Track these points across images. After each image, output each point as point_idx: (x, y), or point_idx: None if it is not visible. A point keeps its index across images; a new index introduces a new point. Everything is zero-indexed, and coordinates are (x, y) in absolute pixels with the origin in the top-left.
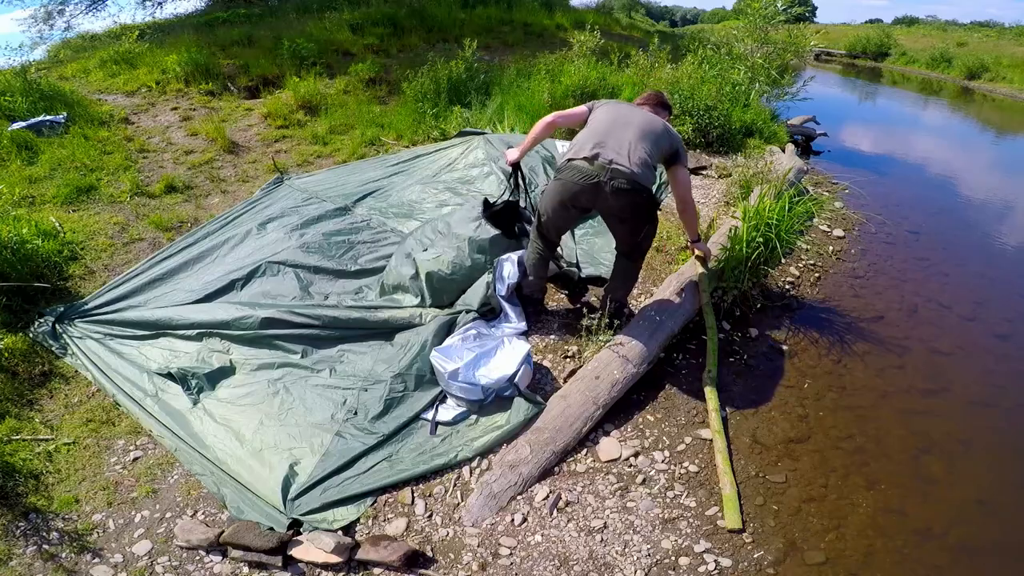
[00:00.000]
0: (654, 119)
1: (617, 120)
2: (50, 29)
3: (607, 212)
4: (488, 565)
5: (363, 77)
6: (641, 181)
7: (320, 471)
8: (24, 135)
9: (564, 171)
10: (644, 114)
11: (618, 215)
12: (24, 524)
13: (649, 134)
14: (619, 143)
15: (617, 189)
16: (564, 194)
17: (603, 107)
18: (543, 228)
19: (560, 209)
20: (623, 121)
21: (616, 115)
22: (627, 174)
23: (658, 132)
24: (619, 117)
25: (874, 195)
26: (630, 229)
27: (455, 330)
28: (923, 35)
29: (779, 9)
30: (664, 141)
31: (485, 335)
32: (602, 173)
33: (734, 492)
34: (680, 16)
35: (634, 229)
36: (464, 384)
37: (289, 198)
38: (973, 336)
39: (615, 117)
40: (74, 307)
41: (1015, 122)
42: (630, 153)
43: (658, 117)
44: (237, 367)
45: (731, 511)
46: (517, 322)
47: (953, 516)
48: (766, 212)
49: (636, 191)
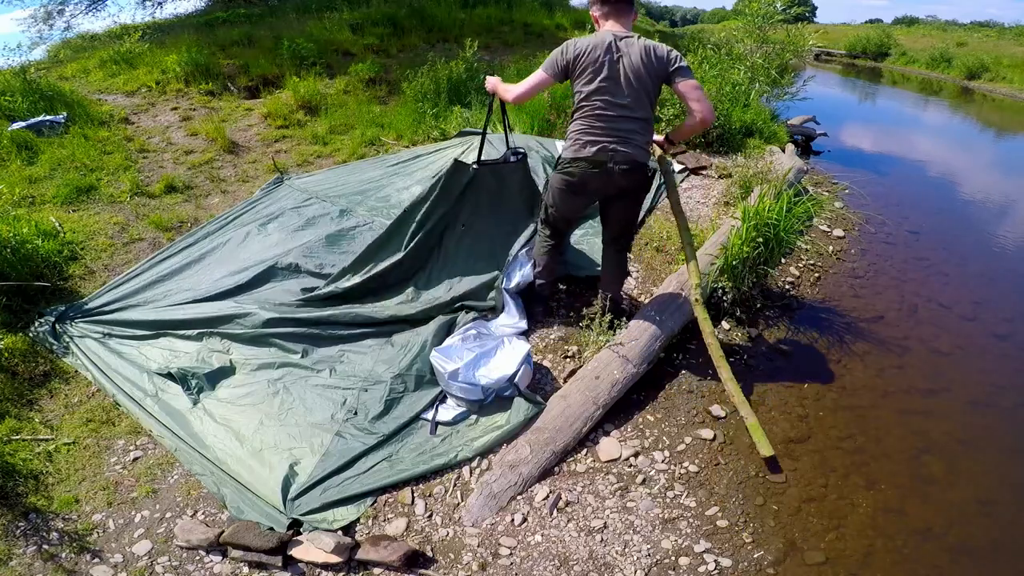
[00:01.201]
0: (637, 66)
1: (611, 103)
2: (50, 29)
3: (615, 192)
4: (488, 565)
5: (363, 77)
6: (642, 160)
7: (320, 471)
8: (24, 135)
9: (568, 165)
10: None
11: (623, 191)
12: (24, 524)
13: (641, 89)
14: (618, 131)
15: (624, 170)
16: (572, 183)
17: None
18: (552, 219)
19: (569, 199)
20: (617, 103)
21: (609, 91)
22: (630, 155)
23: (646, 81)
24: (613, 92)
25: (874, 195)
26: (631, 203)
27: (455, 330)
28: (923, 35)
29: (778, 9)
30: (653, 81)
31: (485, 335)
32: (608, 160)
33: (756, 419)
34: (680, 16)
35: (635, 202)
36: (464, 384)
37: (289, 198)
38: (973, 336)
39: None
40: (74, 307)
41: (1015, 122)
42: (629, 135)
43: (642, 53)
44: (237, 367)
45: (760, 438)
46: (519, 319)
47: (953, 516)
48: (766, 212)
49: (639, 169)
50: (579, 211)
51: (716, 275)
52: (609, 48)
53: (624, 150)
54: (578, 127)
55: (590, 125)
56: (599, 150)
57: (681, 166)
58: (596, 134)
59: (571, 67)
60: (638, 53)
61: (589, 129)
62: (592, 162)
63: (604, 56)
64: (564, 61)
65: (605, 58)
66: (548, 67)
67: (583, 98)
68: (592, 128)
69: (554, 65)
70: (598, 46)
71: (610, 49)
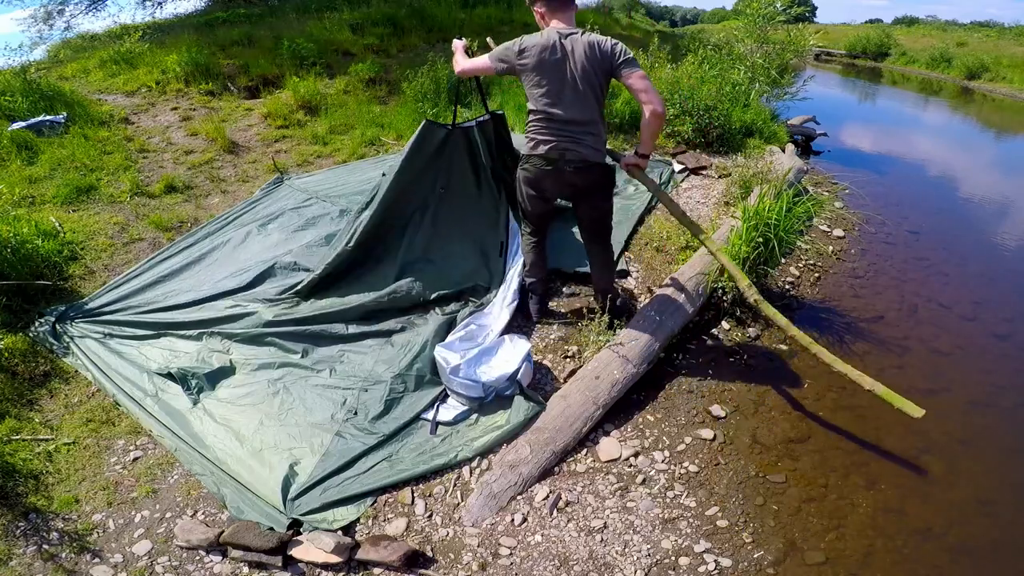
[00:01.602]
0: (583, 64)
1: (558, 105)
2: (50, 29)
3: (571, 192)
4: (488, 565)
5: (363, 77)
6: (594, 159)
7: (320, 471)
8: (24, 135)
9: (526, 162)
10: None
11: (583, 191)
12: (24, 524)
13: (588, 89)
14: (567, 132)
15: (576, 168)
16: (532, 183)
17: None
18: (526, 216)
19: (531, 196)
20: (565, 104)
21: (555, 94)
22: (581, 155)
23: (592, 79)
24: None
25: (874, 195)
26: (598, 201)
27: (456, 326)
28: (923, 35)
29: (779, 9)
30: (599, 77)
31: (483, 325)
32: (559, 159)
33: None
34: (680, 16)
35: (602, 199)
36: (465, 380)
37: (289, 198)
38: (973, 336)
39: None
40: (74, 307)
41: (1015, 122)
42: (580, 136)
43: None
44: (237, 367)
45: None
46: (512, 299)
47: (953, 516)
48: (766, 212)
49: (592, 168)
50: (543, 209)
51: (716, 275)
52: (554, 48)
53: (575, 149)
54: (532, 127)
55: (542, 126)
56: (551, 148)
57: (681, 166)
58: (547, 134)
59: (515, 68)
60: (583, 50)
61: (541, 129)
62: (545, 159)
63: (549, 57)
64: (508, 62)
65: (551, 59)
66: (494, 59)
67: (533, 100)
68: (543, 129)
69: (499, 60)
70: (544, 47)
71: (555, 49)
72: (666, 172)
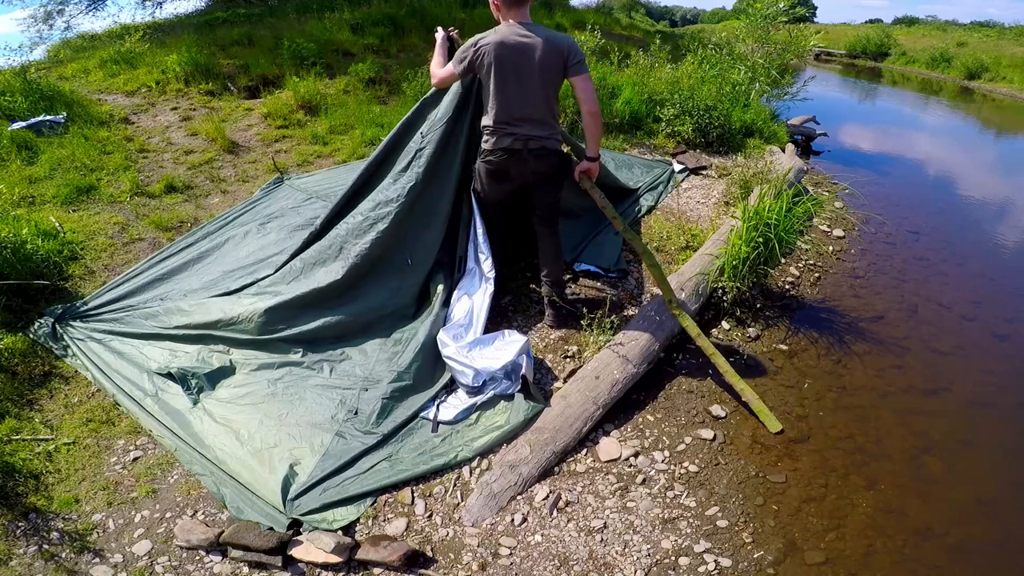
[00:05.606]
0: (539, 60)
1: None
2: (50, 29)
3: (533, 179)
4: (488, 565)
5: (363, 77)
6: (552, 147)
7: (320, 471)
8: (24, 135)
9: (489, 155)
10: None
11: (541, 176)
12: (24, 524)
13: (543, 84)
14: (525, 124)
15: (538, 156)
16: (493, 171)
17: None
18: (486, 207)
19: (494, 185)
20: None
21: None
22: (541, 142)
23: (547, 74)
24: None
25: (874, 195)
26: (551, 187)
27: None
28: (923, 35)
29: (781, 10)
30: (553, 74)
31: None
32: (523, 148)
33: (759, 400)
34: (680, 16)
35: (554, 186)
36: (457, 363)
37: (289, 198)
38: (973, 336)
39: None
40: (74, 307)
41: (1015, 122)
42: (537, 127)
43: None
44: (237, 367)
45: (767, 417)
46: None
47: (953, 516)
48: (766, 212)
49: (551, 155)
50: (505, 196)
51: (716, 275)
52: (510, 45)
53: (535, 135)
54: (491, 121)
55: (502, 120)
56: (514, 140)
57: (681, 166)
58: (508, 127)
59: (473, 66)
60: (539, 46)
61: (501, 123)
62: (508, 151)
63: (505, 53)
64: (466, 63)
65: (506, 55)
66: (456, 63)
67: (490, 95)
68: (503, 123)
69: (458, 62)
70: (499, 44)
71: (510, 46)
72: (666, 172)
